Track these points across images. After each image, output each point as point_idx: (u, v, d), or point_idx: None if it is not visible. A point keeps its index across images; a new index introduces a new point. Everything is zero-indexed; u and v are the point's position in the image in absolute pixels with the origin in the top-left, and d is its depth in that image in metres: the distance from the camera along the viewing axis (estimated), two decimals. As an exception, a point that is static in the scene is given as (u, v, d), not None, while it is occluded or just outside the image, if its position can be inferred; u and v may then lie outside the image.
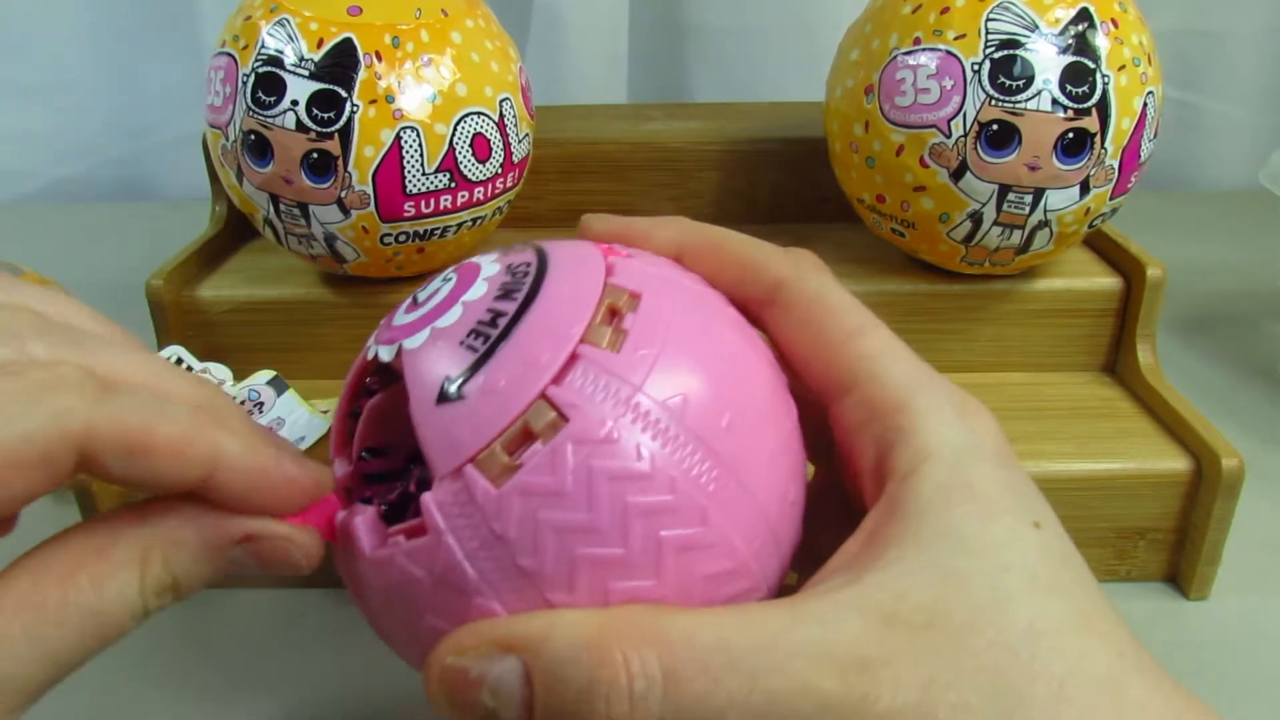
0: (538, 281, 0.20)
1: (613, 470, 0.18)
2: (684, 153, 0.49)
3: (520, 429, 0.18)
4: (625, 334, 0.19)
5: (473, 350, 0.19)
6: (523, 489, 0.18)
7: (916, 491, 0.19)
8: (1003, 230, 0.38)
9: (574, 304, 0.19)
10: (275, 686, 0.34)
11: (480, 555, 0.18)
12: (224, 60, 0.37)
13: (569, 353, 0.18)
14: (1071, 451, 0.37)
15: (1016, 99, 0.36)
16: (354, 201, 0.37)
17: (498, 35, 0.40)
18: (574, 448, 0.18)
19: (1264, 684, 0.33)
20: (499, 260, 0.21)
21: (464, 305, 0.20)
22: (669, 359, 0.19)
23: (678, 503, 0.18)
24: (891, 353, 0.21)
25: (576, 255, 0.21)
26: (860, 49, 0.40)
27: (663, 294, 0.20)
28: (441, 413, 0.19)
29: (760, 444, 0.20)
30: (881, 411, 0.20)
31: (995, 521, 0.19)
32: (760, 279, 0.23)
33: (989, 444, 0.20)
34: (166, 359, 0.20)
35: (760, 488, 0.20)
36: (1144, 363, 0.41)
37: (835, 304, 0.22)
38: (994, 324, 0.42)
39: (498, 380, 0.18)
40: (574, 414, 0.18)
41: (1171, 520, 0.37)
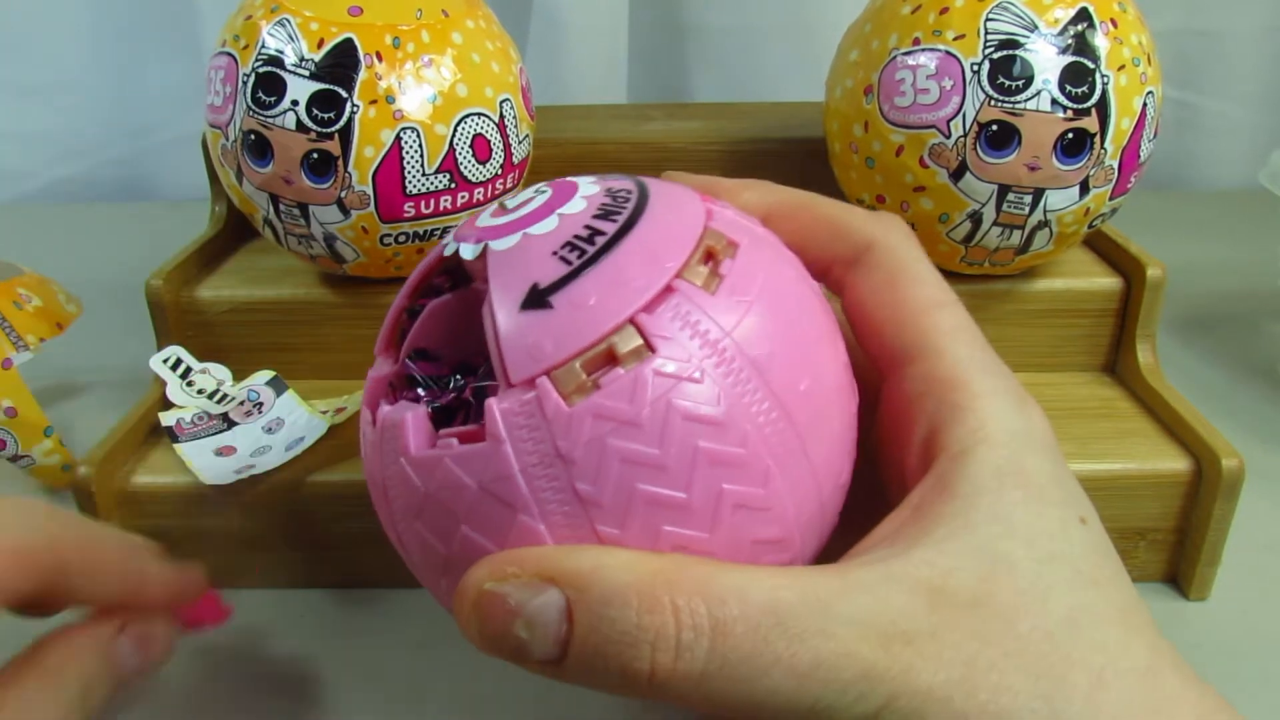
0: (639, 208, 0.19)
1: (691, 411, 0.17)
2: (684, 153, 0.49)
3: (605, 350, 0.18)
4: (721, 278, 0.19)
5: (566, 263, 0.18)
6: (597, 411, 0.17)
7: (970, 471, 0.19)
8: (1002, 230, 0.38)
9: (674, 237, 0.19)
10: (276, 686, 0.34)
11: (537, 472, 0.17)
12: (224, 60, 0.37)
13: (665, 283, 0.18)
14: (1071, 451, 0.37)
15: (1016, 99, 0.36)
16: (354, 202, 0.37)
17: (498, 36, 0.40)
18: (656, 380, 0.17)
19: (1264, 684, 0.33)
20: (598, 183, 0.20)
21: (560, 217, 0.19)
22: (761, 312, 0.19)
23: (747, 458, 0.18)
24: (964, 332, 0.21)
25: (677, 194, 0.21)
26: (860, 49, 0.40)
27: (759, 249, 0.20)
28: (524, 318, 0.18)
29: (830, 418, 0.20)
30: (942, 386, 0.20)
31: (1045, 511, 0.19)
32: (850, 239, 0.23)
33: (1043, 434, 0.20)
34: None
35: (821, 462, 0.19)
36: (1144, 363, 0.41)
37: (920, 273, 0.22)
38: (994, 324, 0.42)
39: (588, 296, 0.18)
40: (662, 345, 0.17)
41: (1171, 520, 0.37)
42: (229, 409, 0.39)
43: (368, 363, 0.23)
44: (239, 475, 0.35)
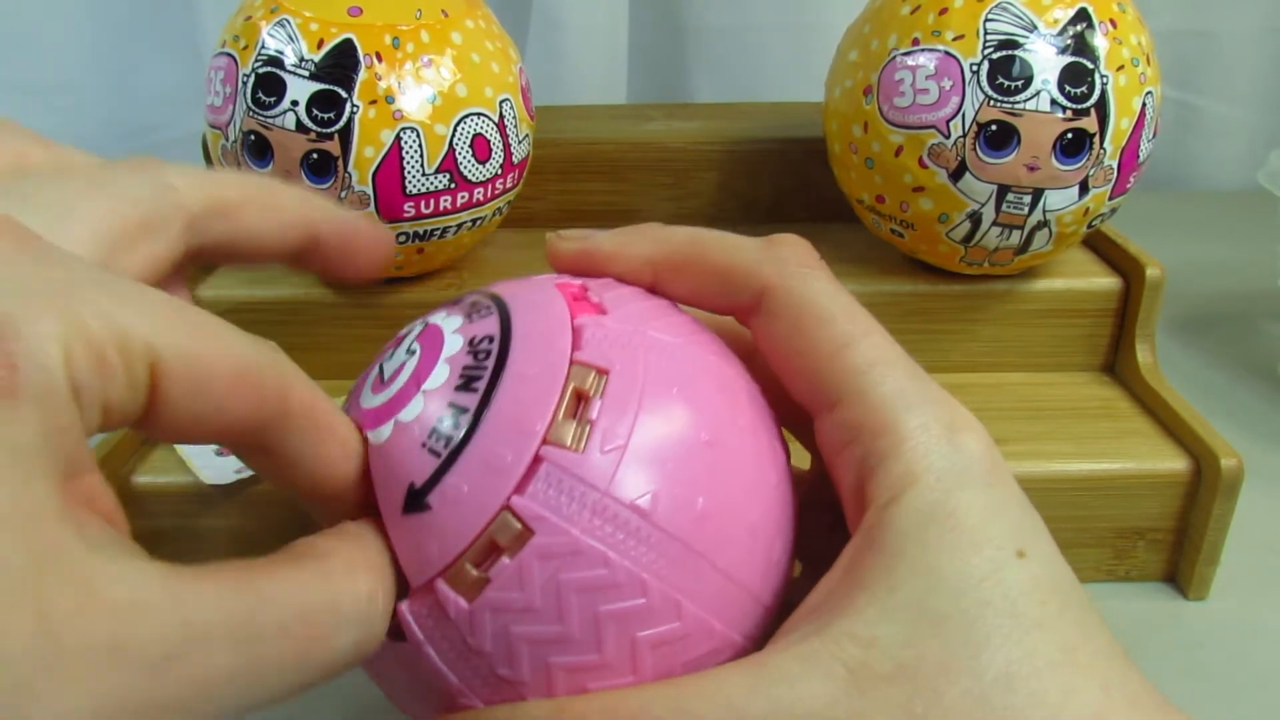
0: (499, 365, 0.19)
1: (581, 582, 0.17)
2: (684, 153, 0.49)
3: (487, 542, 0.18)
4: (591, 424, 0.18)
5: (435, 454, 0.18)
6: (493, 605, 0.18)
7: (894, 523, 0.18)
8: (1002, 230, 0.38)
9: (537, 393, 0.18)
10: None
11: (459, 664, 0.18)
12: (224, 60, 0.37)
13: (532, 455, 0.18)
14: (1071, 451, 0.37)
15: (1015, 99, 0.36)
16: (354, 202, 0.37)
17: (498, 36, 0.40)
18: (540, 563, 0.17)
19: (1263, 684, 0.33)
20: (461, 330, 0.20)
21: (425, 395, 0.19)
22: (637, 451, 0.18)
23: (651, 604, 0.18)
24: (880, 366, 0.20)
25: (542, 319, 0.20)
26: (859, 50, 0.40)
27: (634, 365, 0.19)
28: (409, 523, 0.18)
29: (740, 519, 0.19)
30: (864, 433, 0.19)
31: (975, 553, 0.18)
32: (743, 288, 0.21)
33: (976, 464, 0.19)
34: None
35: (740, 566, 0.19)
36: (1143, 363, 0.41)
37: (823, 311, 0.20)
38: (993, 324, 0.42)
39: (460, 488, 0.18)
40: (539, 526, 0.17)
41: (1171, 520, 0.37)
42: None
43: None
44: (239, 475, 0.35)
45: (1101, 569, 0.38)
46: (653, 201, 0.50)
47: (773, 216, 0.50)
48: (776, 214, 0.50)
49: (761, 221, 0.50)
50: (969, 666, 0.17)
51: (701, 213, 0.50)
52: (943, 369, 0.43)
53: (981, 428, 0.20)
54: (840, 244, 0.45)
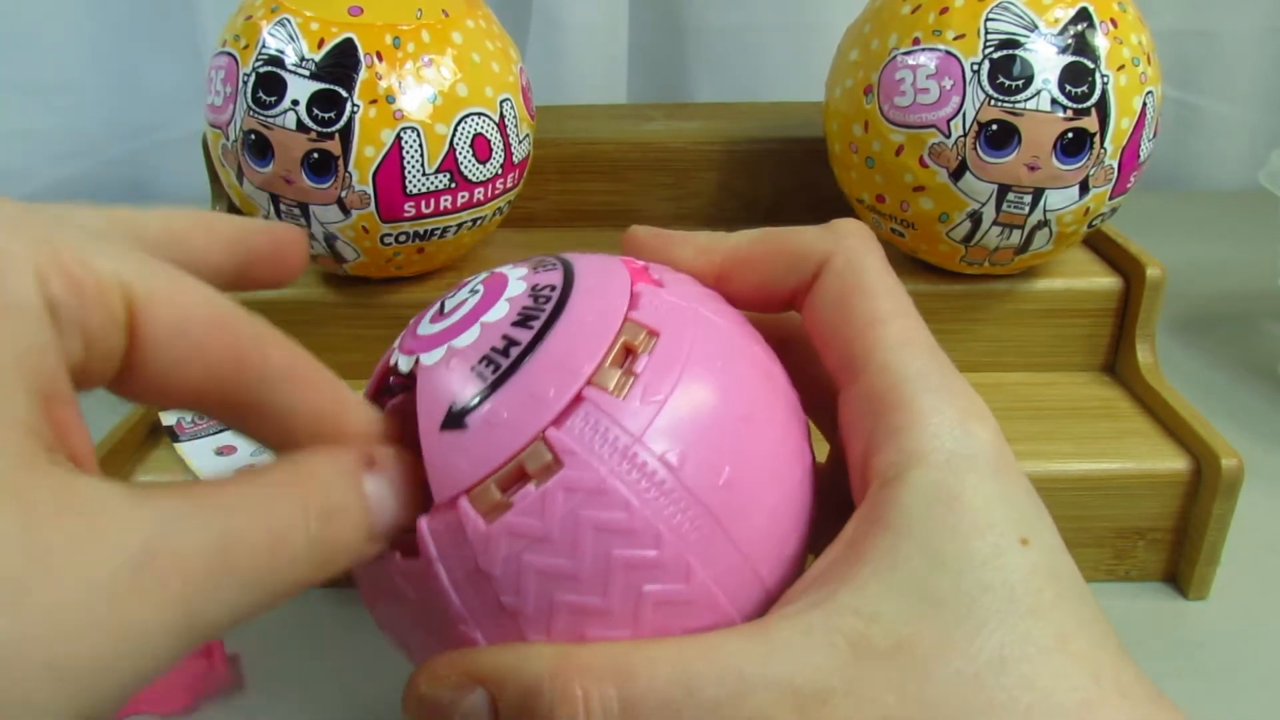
0: (557, 309, 0.19)
1: (600, 521, 0.18)
2: (684, 153, 0.49)
3: (516, 467, 0.18)
4: (635, 377, 0.19)
5: (482, 379, 0.19)
6: (510, 529, 0.18)
7: (900, 500, 0.18)
8: (1002, 230, 0.38)
9: (589, 339, 0.19)
10: (276, 685, 0.34)
11: (465, 587, 0.18)
12: (224, 60, 0.37)
13: (574, 393, 0.18)
14: (1071, 451, 0.37)
15: (1016, 99, 0.36)
16: (354, 201, 0.37)
17: (498, 36, 0.40)
18: (564, 495, 0.18)
19: (1263, 684, 0.33)
20: (526, 278, 0.21)
21: (482, 326, 0.19)
22: (675, 408, 0.19)
23: (662, 558, 0.18)
24: (908, 345, 0.20)
25: (603, 280, 0.21)
26: (859, 49, 0.40)
27: (684, 333, 0.20)
28: (444, 439, 0.19)
29: (760, 499, 0.20)
30: (881, 405, 0.20)
31: (978, 537, 0.18)
32: (805, 261, 0.22)
33: (986, 451, 0.19)
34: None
35: (753, 545, 0.19)
36: (1143, 363, 0.41)
37: (868, 285, 0.21)
38: (994, 324, 0.42)
39: (500, 413, 0.18)
40: (569, 460, 0.18)
41: (1171, 520, 0.37)
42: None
43: (368, 362, 0.23)
44: (239, 475, 0.35)
45: (1101, 569, 0.38)
46: (653, 201, 0.50)
47: (773, 216, 0.50)
48: (776, 214, 0.50)
49: (761, 221, 0.49)
50: (964, 648, 0.17)
51: (701, 213, 0.50)
52: (943, 369, 0.43)
53: (994, 421, 0.20)
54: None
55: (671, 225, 0.53)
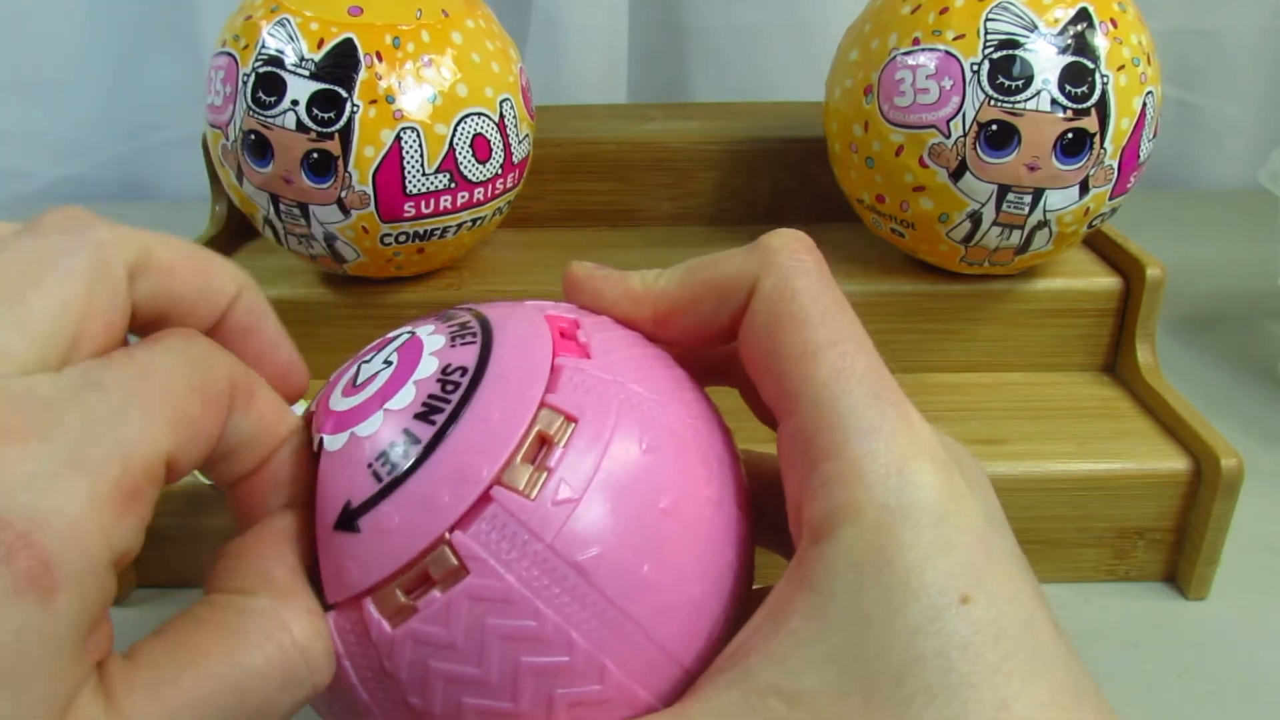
0: (464, 401, 0.18)
1: (508, 630, 0.17)
2: (684, 153, 0.49)
3: (421, 570, 0.17)
4: (549, 473, 0.18)
5: (377, 479, 0.18)
6: (415, 636, 0.17)
7: (827, 561, 0.17)
8: (1002, 230, 0.38)
9: (498, 434, 0.18)
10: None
11: (373, 685, 0.18)
12: (224, 60, 0.37)
13: (479, 494, 0.17)
14: (1071, 451, 0.37)
15: (1016, 99, 0.36)
16: (354, 202, 0.37)
17: (498, 36, 0.40)
18: (470, 604, 0.17)
19: (1263, 684, 0.33)
20: (439, 352, 0.20)
21: (385, 414, 0.19)
22: (590, 507, 0.18)
23: (574, 663, 0.18)
24: (842, 379, 0.18)
25: (521, 356, 0.19)
26: (859, 49, 0.40)
27: (605, 417, 0.19)
28: (338, 540, 0.18)
29: (684, 592, 0.19)
30: (811, 450, 0.18)
31: (912, 602, 0.16)
32: (737, 291, 0.20)
33: (926, 498, 0.17)
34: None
35: (676, 639, 0.19)
36: (1143, 362, 0.41)
37: (796, 312, 0.19)
38: (994, 324, 0.42)
39: (392, 518, 0.18)
40: (474, 567, 0.17)
41: (1170, 520, 0.37)
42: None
43: None
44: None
45: (1101, 569, 0.38)
46: (653, 201, 0.50)
47: (773, 216, 0.50)
48: (776, 214, 0.50)
49: (761, 221, 0.50)
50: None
51: (701, 213, 0.50)
52: (943, 369, 0.43)
53: (940, 452, 0.18)
54: (840, 244, 0.45)
55: (671, 225, 0.54)
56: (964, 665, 0.16)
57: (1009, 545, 0.18)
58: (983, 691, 0.16)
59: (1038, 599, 0.18)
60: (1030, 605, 0.17)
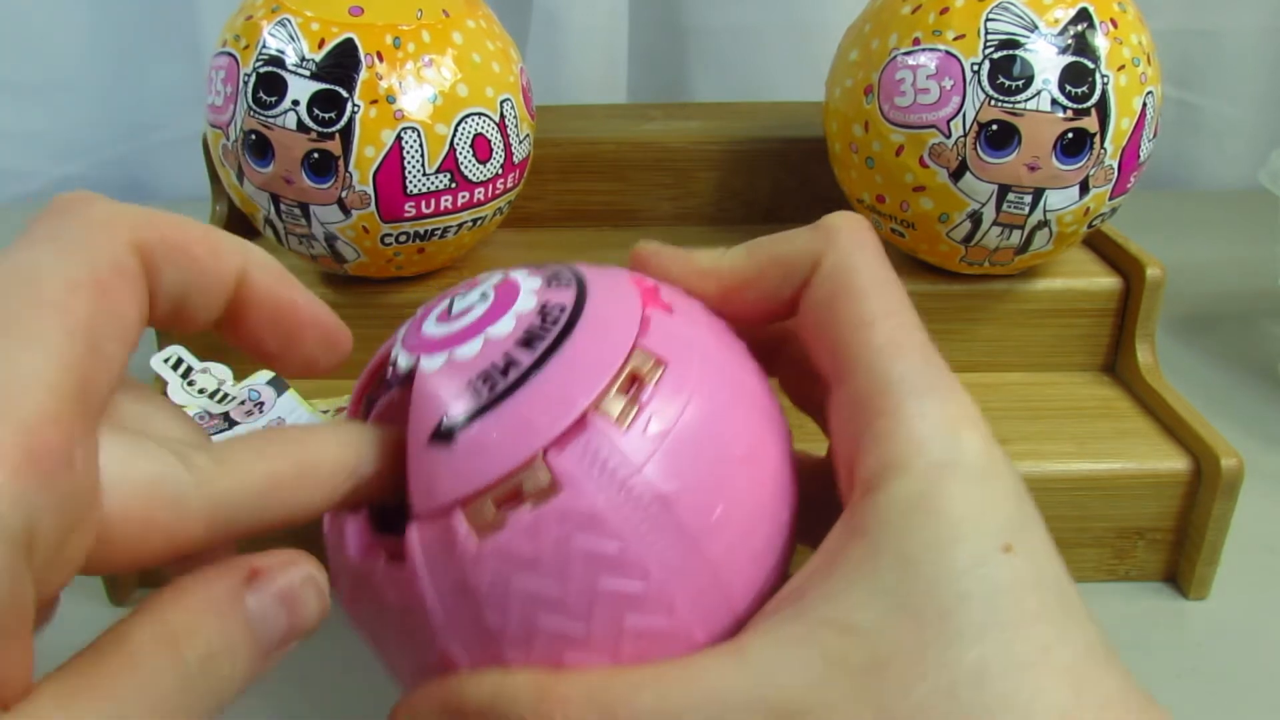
0: (564, 333, 0.19)
1: (591, 550, 0.18)
2: (684, 153, 0.49)
3: (514, 485, 0.18)
4: (641, 407, 0.19)
5: (477, 395, 0.18)
6: (500, 549, 0.18)
7: (878, 509, 0.18)
8: (1002, 230, 0.38)
9: (596, 364, 0.19)
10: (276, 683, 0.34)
11: (450, 600, 0.18)
12: (225, 60, 0.37)
13: (576, 417, 0.18)
14: (1071, 451, 0.37)
15: (1016, 99, 0.36)
16: (355, 202, 0.37)
17: (499, 36, 0.40)
18: (559, 521, 0.18)
19: (1263, 684, 0.33)
20: (538, 291, 0.20)
21: (486, 340, 0.19)
22: (677, 443, 0.19)
23: (648, 592, 0.18)
24: (896, 347, 0.20)
25: (615, 303, 0.20)
26: (859, 49, 0.40)
27: (691, 365, 0.20)
28: (431, 452, 0.18)
29: (748, 539, 0.20)
30: (866, 410, 0.19)
31: (957, 546, 0.17)
32: (797, 268, 0.22)
33: (971, 457, 0.19)
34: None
35: (737, 586, 0.19)
36: (1143, 363, 0.41)
37: (857, 286, 0.20)
38: (994, 324, 0.42)
39: (490, 434, 0.18)
40: (567, 484, 0.18)
41: (1171, 520, 0.37)
42: (230, 408, 0.39)
43: (368, 362, 0.23)
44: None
45: (1101, 569, 0.38)
46: (653, 201, 0.50)
47: (773, 216, 0.50)
48: (776, 214, 0.50)
49: (761, 221, 0.50)
50: (941, 661, 0.17)
51: (701, 212, 0.50)
52: (943, 369, 0.43)
53: (984, 425, 0.19)
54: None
55: (671, 225, 0.54)
56: (1008, 608, 0.17)
57: (1039, 514, 0.19)
58: (1026, 633, 0.17)
59: (1065, 568, 0.19)
60: (1063, 569, 0.18)
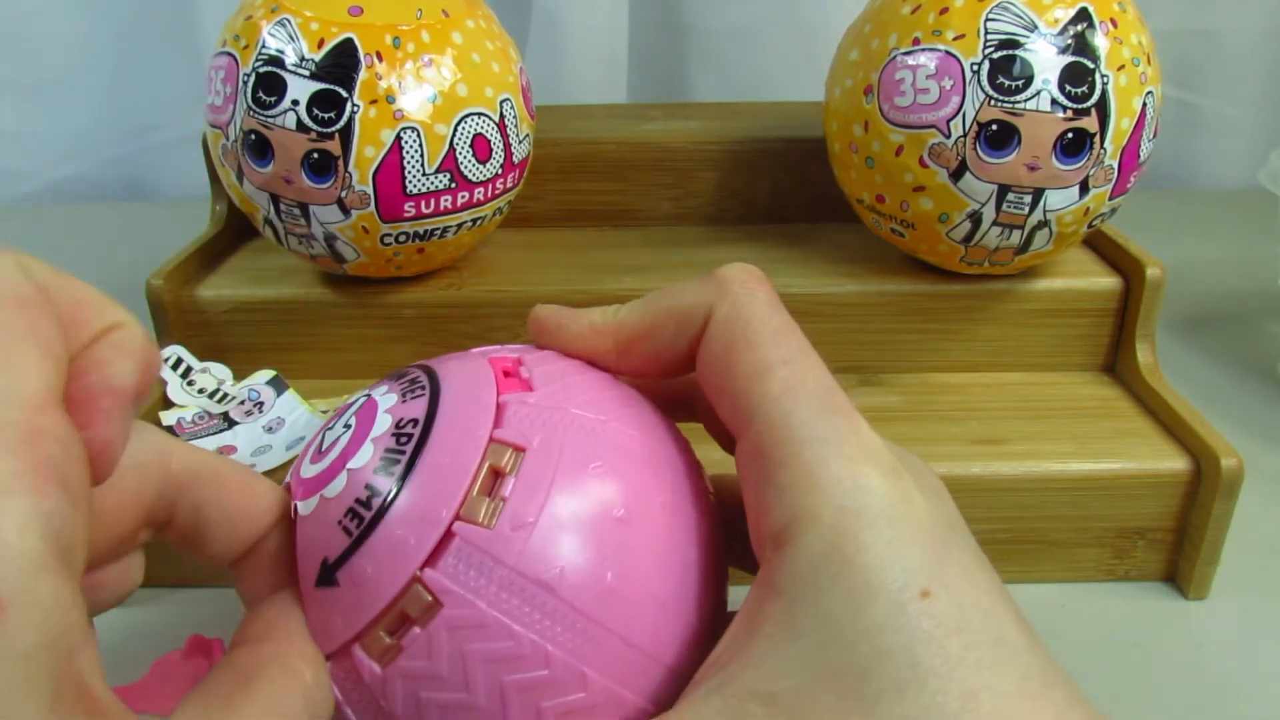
0: (418, 449, 0.20)
1: (486, 653, 0.18)
2: (684, 153, 0.49)
3: (399, 612, 0.19)
4: (504, 502, 0.19)
5: (348, 534, 0.19)
6: (404, 672, 0.19)
7: (791, 566, 0.18)
8: (1002, 230, 0.38)
9: (452, 475, 0.19)
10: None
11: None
12: (225, 60, 0.37)
13: (441, 533, 0.19)
14: (1071, 451, 0.37)
15: (1016, 99, 0.36)
16: (354, 201, 0.37)
17: (498, 36, 0.40)
18: (448, 634, 0.18)
19: (1263, 684, 0.33)
20: (393, 409, 0.21)
21: (349, 474, 0.20)
22: (547, 527, 0.19)
23: (555, 675, 0.18)
24: (793, 394, 0.19)
25: (467, 401, 0.20)
26: (859, 49, 0.40)
27: (551, 442, 0.20)
28: (320, 595, 0.19)
29: (651, 592, 0.19)
30: (768, 461, 0.19)
31: (874, 600, 0.17)
32: (691, 321, 0.21)
33: (877, 501, 0.18)
34: None
35: (650, 638, 0.19)
36: (1143, 362, 0.41)
37: (750, 336, 0.20)
38: (994, 324, 0.42)
39: (365, 568, 0.19)
40: (447, 599, 0.18)
41: (1171, 520, 0.37)
42: (229, 408, 0.39)
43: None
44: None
45: (1101, 569, 0.38)
46: (653, 201, 0.50)
47: (773, 216, 0.50)
48: (776, 214, 0.50)
49: (761, 221, 0.50)
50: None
51: (701, 212, 0.50)
52: (943, 369, 0.43)
53: (889, 461, 0.19)
54: (841, 244, 0.45)
55: (671, 225, 0.53)
56: (928, 658, 0.17)
57: (967, 543, 0.19)
58: (948, 681, 0.16)
59: (999, 593, 0.18)
60: (990, 599, 0.18)
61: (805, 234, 0.47)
